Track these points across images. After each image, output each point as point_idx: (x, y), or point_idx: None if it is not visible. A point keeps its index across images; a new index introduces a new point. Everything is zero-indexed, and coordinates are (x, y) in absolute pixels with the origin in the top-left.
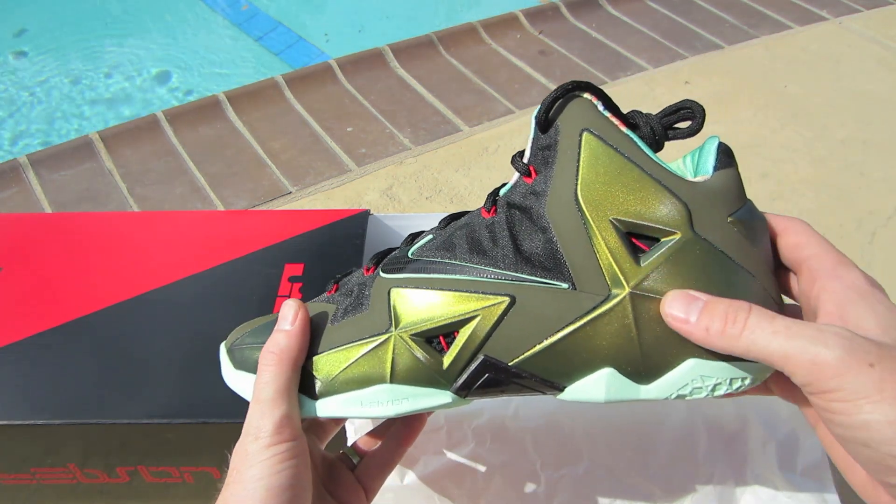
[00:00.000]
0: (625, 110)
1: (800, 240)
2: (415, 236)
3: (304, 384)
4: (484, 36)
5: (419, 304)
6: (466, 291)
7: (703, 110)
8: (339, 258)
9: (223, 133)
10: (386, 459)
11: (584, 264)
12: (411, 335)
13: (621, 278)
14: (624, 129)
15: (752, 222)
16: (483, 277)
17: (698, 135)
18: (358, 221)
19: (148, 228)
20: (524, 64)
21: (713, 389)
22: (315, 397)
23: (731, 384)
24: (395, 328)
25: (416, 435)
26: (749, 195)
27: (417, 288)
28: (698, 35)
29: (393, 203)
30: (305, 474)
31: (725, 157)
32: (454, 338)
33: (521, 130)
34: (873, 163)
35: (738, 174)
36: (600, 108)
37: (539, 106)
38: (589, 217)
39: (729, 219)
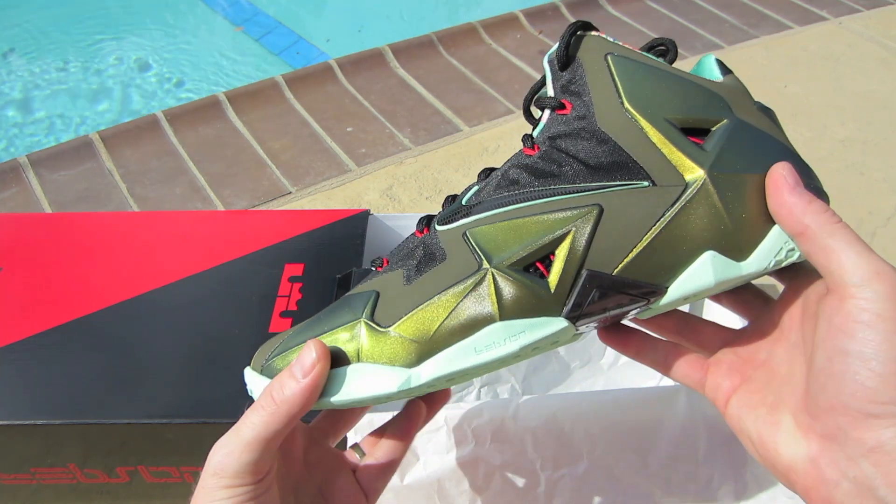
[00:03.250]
0: None
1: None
2: (453, 197)
3: (393, 355)
4: (484, 36)
5: (505, 235)
6: (551, 212)
7: (675, 43)
8: (339, 258)
9: (223, 133)
10: (388, 457)
11: (654, 161)
12: (508, 266)
13: (694, 165)
14: (638, 49)
15: (771, 112)
16: (563, 195)
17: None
18: (358, 221)
19: (148, 228)
20: (524, 64)
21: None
22: (413, 364)
23: None
24: (489, 263)
25: (417, 426)
26: None
27: (497, 222)
28: (698, 35)
29: (393, 203)
30: None
31: (725, 66)
32: (551, 261)
33: (521, 130)
34: (873, 163)
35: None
36: (610, 39)
37: (553, 49)
38: (641, 121)
39: (754, 105)
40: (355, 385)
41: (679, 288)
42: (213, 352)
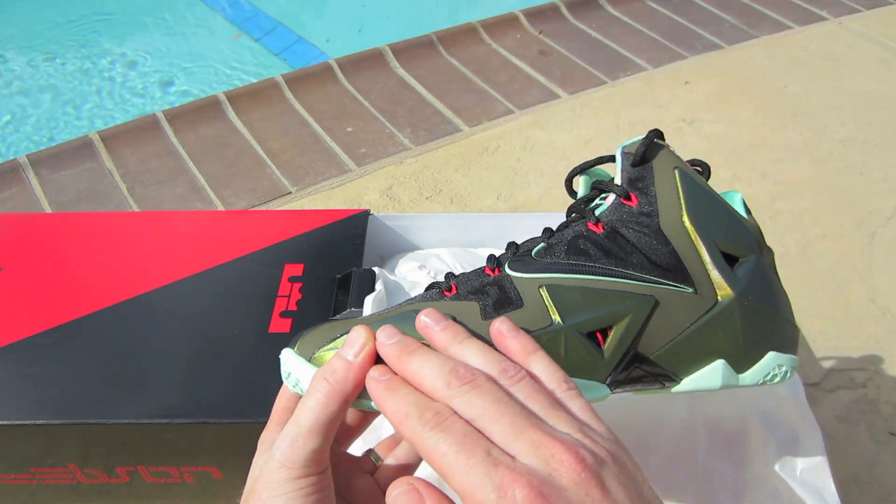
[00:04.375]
0: (625, 111)
1: None
2: (515, 245)
3: None
4: (484, 36)
5: (579, 300)
6: (619, 291)
7: (709, 167)
8: (339, 258)
9: (223, 133)
10: (406, 461)
11: (698, 272)
12: (577, 329)
13: (726, 286)
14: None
15: (772, 252)
16: (628, 280)
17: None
18: (358, 221)
19: (148, 228)
20: (524, 64)
21: (784, 375)
22: None
23: (792, 370)
24: (564, 322)
25: None
26: (749, 195)
27: (571, 286)
28: (698, 35)
29: (393, 203)
30: None
31: (746, 206)
32: (608, 334)
33: (520, 130)
34: (873, 163)
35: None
36: (676, 153)
37: (629, 142)
38: (693, 236)
39: (766, 247)
40: None
41: (690, 382)
42: (213, 352)
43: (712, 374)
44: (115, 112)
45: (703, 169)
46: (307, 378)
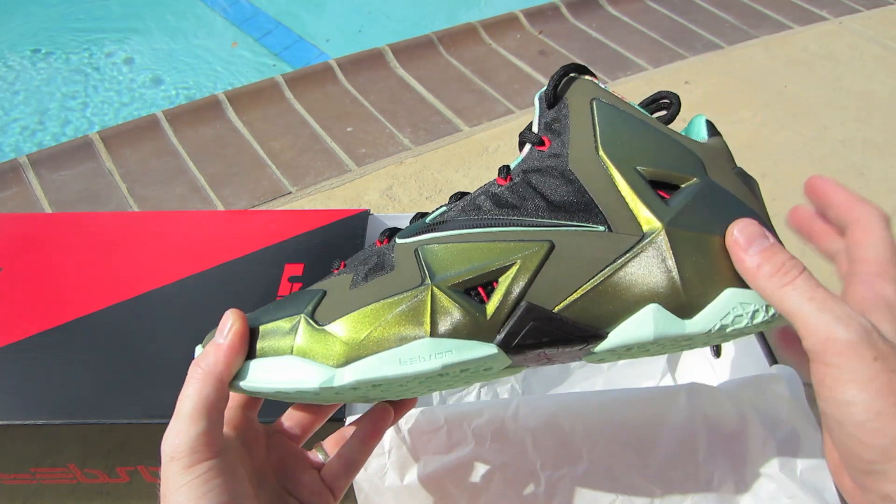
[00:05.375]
0: None
1: (861, 237)
2: (422, 214)
3: (324, 353)
4: (484, 36)
5: (454, 256)
6: (503, 241)
7: (679, 98)
8: (338, 258)
9: (223, 133)
10: (351, 459)
11: (615, 208)
12: (449, 286)
13: (653, 218)
14: (626, 99)
15: (749, 178)
16: (519, 227)
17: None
18: (358, 221)
19: (148, 228)
20: (524, 64)
21: (752, 317)
22: (340, 365)
23: (767, 311)
24: (431, 280)
25: (381, 433)
26: None
27: (450, 243)
28: (698, 35)
29: (393, 203)
30: (239, 488)
31: (713, 128)
32: (493, 288)
33: (521, 130)
34: (873, 163)
35: (726, 142)
36: (601, 85)
37: (545, 86)
38: (612, 168)
39: (732, 170)
40: (282, 374)
41: (618, 336)
42: None
43: (641, 322)
44: (113, 112)
45: (673, 101)
46: None
